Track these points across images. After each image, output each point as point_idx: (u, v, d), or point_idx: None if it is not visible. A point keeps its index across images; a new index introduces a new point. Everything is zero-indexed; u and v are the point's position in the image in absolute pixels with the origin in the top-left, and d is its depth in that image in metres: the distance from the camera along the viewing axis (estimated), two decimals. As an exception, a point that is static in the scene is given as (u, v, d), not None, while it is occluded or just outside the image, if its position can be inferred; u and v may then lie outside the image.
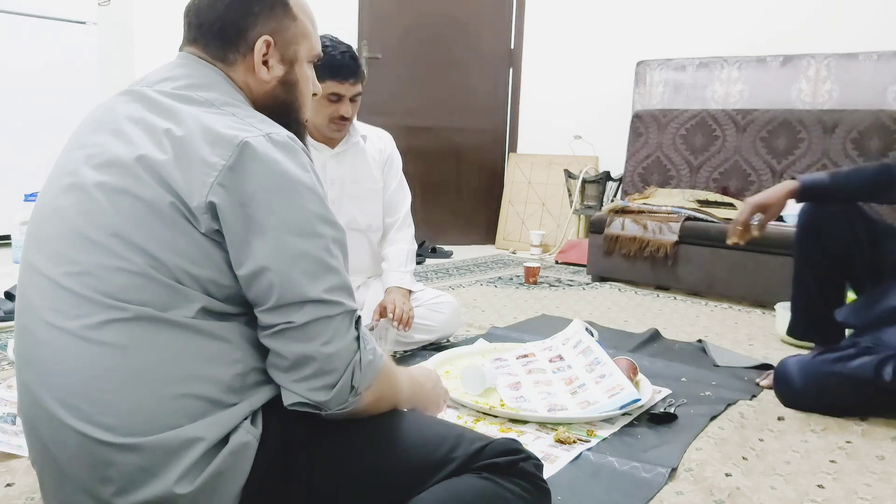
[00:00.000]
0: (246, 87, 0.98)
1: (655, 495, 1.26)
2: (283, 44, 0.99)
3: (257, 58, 0.97)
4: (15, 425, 1.31)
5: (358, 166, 2.11)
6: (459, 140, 4.60)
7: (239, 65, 0.97)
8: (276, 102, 1.01)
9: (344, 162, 2.09)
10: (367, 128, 2.18)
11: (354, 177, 2.11)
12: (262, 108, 0.99)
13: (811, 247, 1.95)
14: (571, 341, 1.89)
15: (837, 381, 1.66)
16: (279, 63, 0.99)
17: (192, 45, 0.98)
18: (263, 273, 0.83)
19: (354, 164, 2.10)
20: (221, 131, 0.85)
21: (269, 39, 0.97)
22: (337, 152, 2.08)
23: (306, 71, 1.04)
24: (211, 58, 0.97)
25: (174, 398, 0.81)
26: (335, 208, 2.06)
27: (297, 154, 0.89)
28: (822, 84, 3.47)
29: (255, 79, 0.98)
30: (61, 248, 0.85)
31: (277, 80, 1.00)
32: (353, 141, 2.09)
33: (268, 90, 1.00)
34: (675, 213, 3.22)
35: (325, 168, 2.06)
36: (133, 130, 0.88)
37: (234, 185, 0.83)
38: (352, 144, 2.09)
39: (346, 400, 0.87)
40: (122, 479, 0.79)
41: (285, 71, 1.00)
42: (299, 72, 1.02)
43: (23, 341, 0.87)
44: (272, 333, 0.85)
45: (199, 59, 0.97)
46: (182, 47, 1.00)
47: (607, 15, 4.23)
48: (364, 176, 2.12)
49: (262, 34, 0.97)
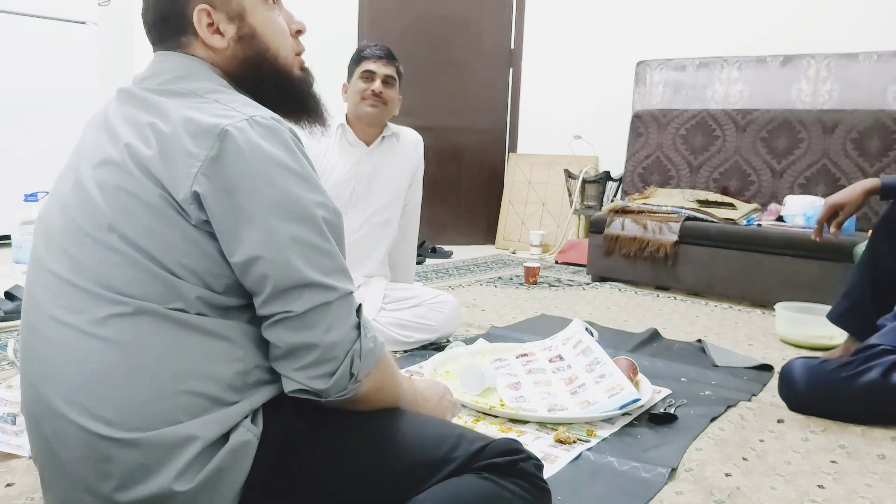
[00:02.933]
0: (214, 63, 0.96)
1: (655, 495, 1.26)
2: (222, 3, 0.94)
3: (202, 30, 0.94)
4: (15, 425, 1.31)
5: (387, 165, 2.22)
6: (459, 140, 4.60)
7: (195, 45, 0.95)
8: (241, 61, 0.97)
9: (375, 159, 2.20)
10: (401, 128, 2.28)
11: (382, 174, 2.21)
12: (237, 76, 0.97)
13: (881, 245, 1.92)
14: (571, 341, 1.89)
15: (844, 391, 1.64)
16: (228, 23, 0.95)
17: (156, 45, 0.98)
18: (256, 262, 0.83)
19: (384, 162, 2.21)
20: (203, 121, 0.85)
21: (204, 7, 0.93)
22: (371, 150, 2.19)
23: (264, 13, 0.98)
24: (173, 49, 0.96)
25: (174, 395, 0.82)
26: (360, 203, 2.18)
27: (281, 135, 0.87)
28: (822, 84, 3.47)
29: (215, 51, 0.95)
30: (64, 245, 0.86)
31: (233, 41, 0.96)
32: (387, 140, 2.21)
33: (230, 55, 0.96)
34: (674, 213, 3.22)
35: (358, 164, 2.18)
36: (122, 128, 0.89)
37: (217, 174, 0.83)
38: (385, 143, 2.21)
39: (346, 387, 0.87)
40: (121, 474, 0.80)
41: (237, 27, 0.96)
42: (254, 19, 0.97)
43: (27, 336, 0.88)
44: (271, 323, 0.85)
45: (170, 53, 0.96)
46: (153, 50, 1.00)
47: (607, 15, 4.23)
48: (391, 174, 2.23)
49: (197, 5, 0.93)
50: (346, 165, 2.16)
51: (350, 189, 2.17)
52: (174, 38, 0.96)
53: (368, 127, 2.18)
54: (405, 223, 2.32)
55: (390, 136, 2.22)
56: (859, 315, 1.96)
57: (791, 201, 3.15)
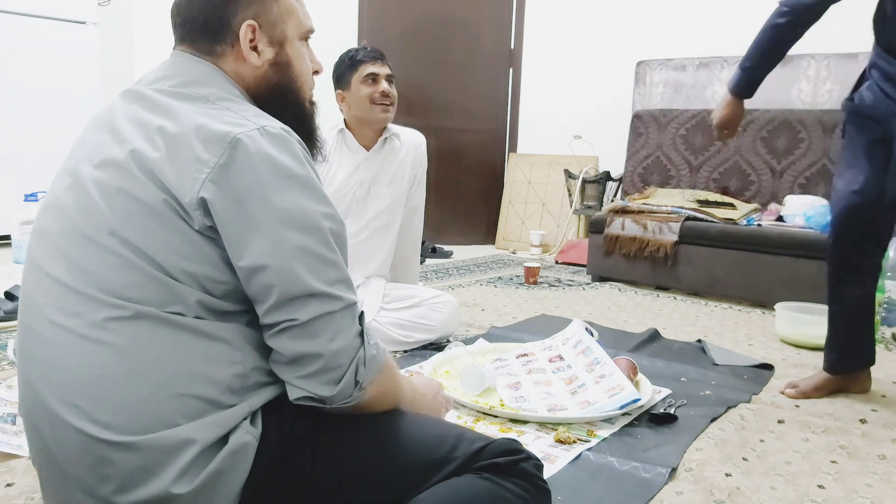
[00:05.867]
0: (239, 77, 0.97)
1: (655, 495, 1.26)
2: (268, 25, 0.97)
3: (244, 44, 0.95)
4: (15, 425, 1.31)
5: (388, 169, 2.19)
6: (459, 140, 4.60)
7: (228, 55, 0.96)
8: (271, 86, 0.99)
9: (375, 163, 2.17)
10: (402, 128, 2.26)
11: (382, 179, 2.19)
12: (259, 96, 0.98)
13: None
14: (571, 341, 1.89)
15: None
16: (268, 46, 0.98)
17: (181, 43, 0.98)
18: (262, 271, 0.83)
19: (385, 165, 2.18)
20: (215, 128, 0.85)
21: (252, 24, 0.95)
22: (371, 154, 2.16)
23: (299, 49, 1.01)
24: (200, 53, 0.96)
25: (172, 398, 0.81)
26: (359, 208, 2.17)
27: (292, 146, 0.88)
28: (822, 84, 3.47)
29: (246, 66, 0.97)
30: (62, 247, 0.86)
31: (269, 64, 0.98)
32: (387, 143, 2.18)
33: (260, 75, 0.98)
34: (675, 213, 3.22)
35: (357, 170, 2.15)
36: (128, 129, 0.88)
37: (226, 181, 0.83)
38: (386, 145, 2.18)
39: (351, 394, 0.87)
40: (120, 477, 0.80)
41: (275, 53, 0.98)
42: (291, 51, 1.00)
43: (25, 339, 0.88)
44: (276, 332, 0.85)
45: (191, 56, 0.96)
46: (174, 47, 1.00)
47: (607, 15, 4.23)
48: (392, 178, 2.20)
49: (245, 20, 0.95)
50: (346, 171, 2.15)
51: (350, 194, 2.15)
52: (208, 42, 0.96)
53: (373, 132, 2.16)
54: (409, 224, 2.31)
55: (391, 138, 2.19)
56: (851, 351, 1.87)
57: (791, 201, 3.15)
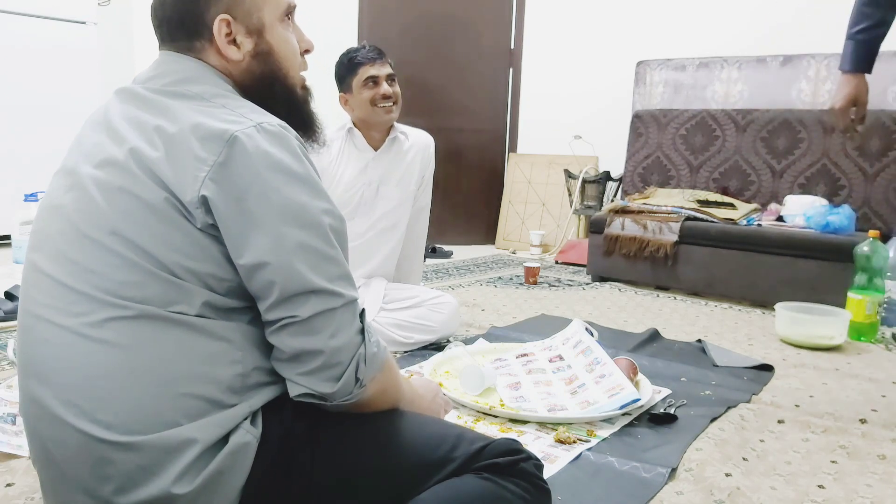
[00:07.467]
0: (226, 71, 0.96)
1: (655, 495, 1.26)
2: (243, 15, 0.95)
3: (220, 40, 0.94)
4: (15, 425, 1.31)
5: (396, 169, 2.19)
6: (459, 140, 4.60)
7: (209, 51, 0.95)
8: (256, 77, 0.98)
9: (383, 163, 2.17)
10: (410, 128, 2.26)
11: (390, 179, 2.19)
12: (247, 88, 0.97)
13: None
14: (571, 341, 1.89)
15: None
16: (246, 37, 0.96)
17: (163, 44, 0.97)
18: (264, 267, 0.83)
19: (393, 165, 2.19)
20: (212, 126, 0.85)
21: (226, 17, 0.93)
22: (379, 154, 2.17)
23: (281, 32, 0.99)
24: (184, 51, 0.95)
25: (174, 397, 0.81)
26: (367, 208, 2.17)
27: (289, 142, 0.88)
28: (822, 84, 3.46)
29: (227, 61, 0.96)
30: (62, 247, 0.86)
31: (250, 55, 0.96)
32: (395, 142, 2.18)
33: (244, 68, 0.97)
34: (675, 213, 3.22)
35: (366, 169, 2.16)
36: (125, 128, 0.88)
37: (225, 179, 0.83)
38: (394, 145, 2.18)
39: (352, 392, 0.87)
40: (121, 477, 0.80)
41: (255, 42, 0.96)
42: (272, 37, 0.97)
43: (25, 339, 0.87)
44: (277, 328, 0.85)
45: (178, 55, 0.95)
46: (159, 48, 0.99)
47: (607, 15, 4.23)
48: (400, 178, 2.20)
49: (217, 14, 0.93)
50: (354, 171, 2.15)
51: (359, 194, 2.15)
52: (186, 40, 0.95)
53: (379, 132, 2.17)
54: (414, 224, 2.31)
55: (399, 137, 2.19)
56: None
57: (791, 201, 3.15)
